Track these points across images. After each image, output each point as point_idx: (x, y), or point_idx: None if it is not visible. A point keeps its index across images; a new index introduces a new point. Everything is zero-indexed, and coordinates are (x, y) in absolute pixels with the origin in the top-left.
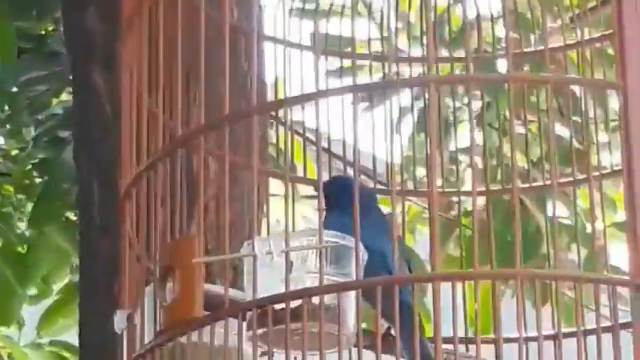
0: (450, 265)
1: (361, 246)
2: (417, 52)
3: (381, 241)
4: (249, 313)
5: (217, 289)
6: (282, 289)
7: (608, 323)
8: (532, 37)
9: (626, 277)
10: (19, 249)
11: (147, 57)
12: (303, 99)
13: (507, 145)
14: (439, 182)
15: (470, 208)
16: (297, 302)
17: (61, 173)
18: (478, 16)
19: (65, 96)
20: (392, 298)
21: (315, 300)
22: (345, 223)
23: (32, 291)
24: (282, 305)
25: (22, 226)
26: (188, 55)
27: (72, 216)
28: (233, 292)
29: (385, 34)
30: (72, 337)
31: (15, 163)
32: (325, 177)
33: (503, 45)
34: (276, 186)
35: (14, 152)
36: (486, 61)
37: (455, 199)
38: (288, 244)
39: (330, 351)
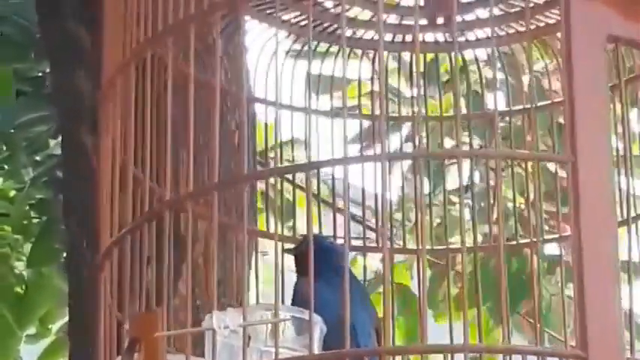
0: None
1: (319, 319)
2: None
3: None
4: None
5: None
6: None
7: None
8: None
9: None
10: (18, 289)
11: (132, 119)
12: (293, 169)
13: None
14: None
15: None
16: None
17: (59, 214)
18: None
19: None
20: None
21: None
22: (315, 290)
23: (31, 330)
24: None
25: (20, 266)
26: (175, 116)
27: None
28: None
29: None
30: None
31: (13, 204)
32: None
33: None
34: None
35: (12, 193)
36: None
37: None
38: (245, 318)
39: None
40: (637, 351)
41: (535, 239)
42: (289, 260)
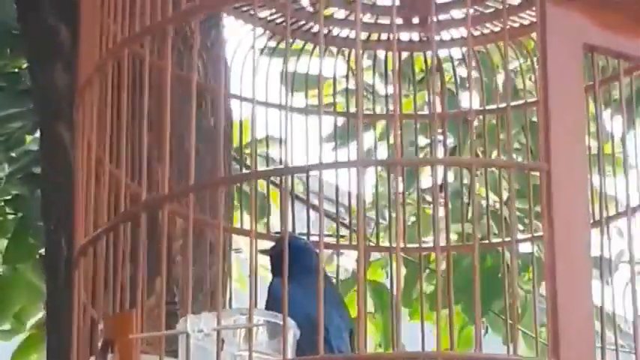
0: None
1: (293, 323)
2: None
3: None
4: None
5: None
6: None
7: None
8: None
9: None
10: None
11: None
12: (270, 173)
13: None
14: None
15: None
16: None
17: (35, 210)
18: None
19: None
20: None
21: None
22: (288, 291)
23: (5, 326)
24: None
25: None
26: (153, 113)
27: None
28: None
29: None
30: None
31: None
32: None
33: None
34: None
35: None
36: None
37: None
38: (219, 322)
39: None
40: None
41: (509, 238)
42: (264, 259)
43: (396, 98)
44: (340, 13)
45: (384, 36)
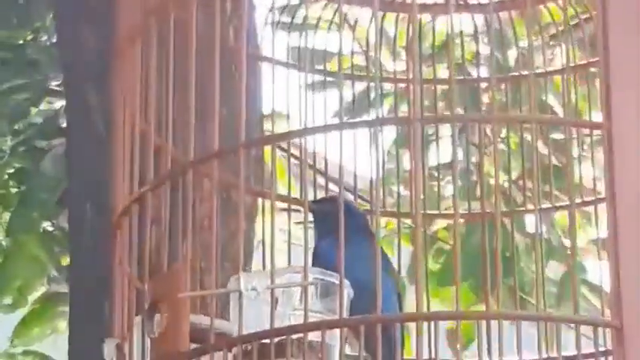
0: (429, 279)
1: (347, 283)
2: (399, 65)
3: (373, 274)
4: (234, 348)
5: (205, 321)
6: (268, 325)
7: None
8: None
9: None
10: None
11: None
12: (290, 135)
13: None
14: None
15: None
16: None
17: (39, 183)
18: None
19: (44, 105)
20: (375, 335)
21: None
22: (335, 255)
23: (7, 300)
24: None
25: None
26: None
27: (49, 226)
28: (221, 324)
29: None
30: (45, 346)
31: None
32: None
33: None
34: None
35: None
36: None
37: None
38: (273, 280)
39: None
40: None
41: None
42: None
43: (414, 54)
44: None
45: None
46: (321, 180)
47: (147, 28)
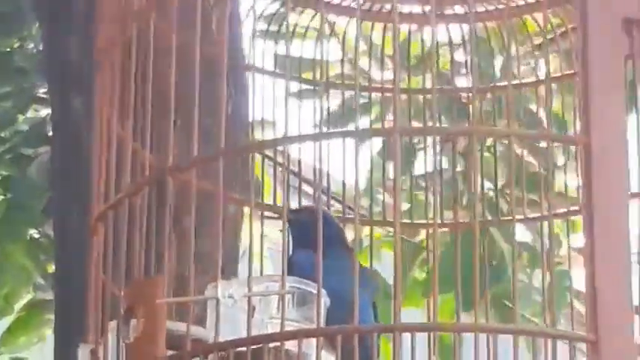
0: (415, 289)
1: (324, 292)
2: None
3: (348, 286)
4: (210, 356)
5: (181, 327)
6: (245, 332)
7: None
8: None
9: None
10: None
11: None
12: (271, 144)
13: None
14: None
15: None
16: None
17: (25, 191)
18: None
19: (31, 113)
20: (352, 345)
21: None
22: (311, 264)
23: None
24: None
25: None
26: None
27: (35, 234)
28: (197, 331)
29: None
30: (32, 354)
31: None
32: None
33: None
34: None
35: None
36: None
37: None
38: (250, 288)
39: None
40: None
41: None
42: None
43: (396, 65)
44: None
45: (378, 8)
46: (309, 189)
47: (126, 36)
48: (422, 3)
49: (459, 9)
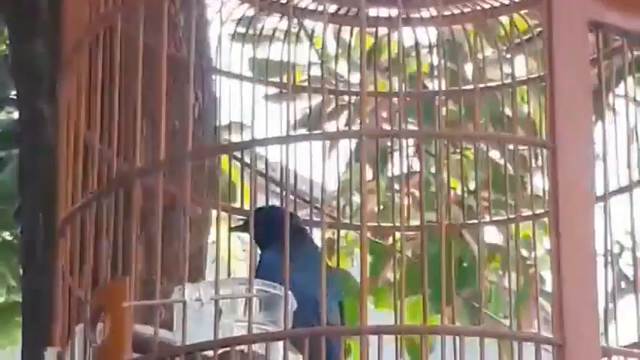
0: (387, 292)
1: (291, 294)
2: (355, 77)
3: (314, 286)
4: (177, 359)
5: (149, 330)
6: (212, 335)
7: None
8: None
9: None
10: None
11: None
12: (240, 146)
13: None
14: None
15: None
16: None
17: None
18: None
19: (3, 114)
20: (320, 347)
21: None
22: (278, 265)
23: None
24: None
25: None
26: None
27: (7, 236)
28: (165, 334)
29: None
30: (4, 356)
31: None
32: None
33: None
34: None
35: None
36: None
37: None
38: (217, 291)
39: None
40: None
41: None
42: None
43: (363, 67)
44: None
45: (349, 11)
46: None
47: (93, 38)
48: (389, 6)
49: (426, 12)
